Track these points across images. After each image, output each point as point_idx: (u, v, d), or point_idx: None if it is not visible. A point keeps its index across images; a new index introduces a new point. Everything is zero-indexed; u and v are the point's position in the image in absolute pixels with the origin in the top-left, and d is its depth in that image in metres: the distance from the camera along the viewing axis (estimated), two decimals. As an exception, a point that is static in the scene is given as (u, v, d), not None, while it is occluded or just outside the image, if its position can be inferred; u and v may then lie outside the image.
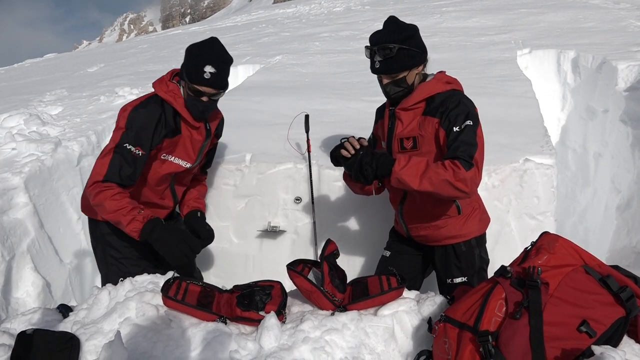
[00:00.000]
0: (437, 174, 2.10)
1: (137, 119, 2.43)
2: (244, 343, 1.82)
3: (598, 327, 1.54)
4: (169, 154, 2.59)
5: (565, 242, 1.76)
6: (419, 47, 2.33)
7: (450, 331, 1.68)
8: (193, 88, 2.44)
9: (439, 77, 2.41)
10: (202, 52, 2.43)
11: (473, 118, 2.24)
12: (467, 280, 2.49)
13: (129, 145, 2.36)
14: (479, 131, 2.24)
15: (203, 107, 2.50)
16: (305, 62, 7.33)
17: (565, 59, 6.06)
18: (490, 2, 12.18)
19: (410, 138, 2.39)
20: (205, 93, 2.46)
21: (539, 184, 3.05)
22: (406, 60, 2.29)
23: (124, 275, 2.69)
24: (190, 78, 2.43)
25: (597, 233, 4.55)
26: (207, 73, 2.38)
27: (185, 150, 2.63)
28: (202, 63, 2.39)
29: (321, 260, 2.10)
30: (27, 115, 5.05)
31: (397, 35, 2.27)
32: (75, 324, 2.02)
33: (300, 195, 3.35)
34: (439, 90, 2.35)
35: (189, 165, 2.67)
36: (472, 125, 2.20)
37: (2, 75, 12.78)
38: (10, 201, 3.61)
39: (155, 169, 2.61)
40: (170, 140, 2.56)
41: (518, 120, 3.83)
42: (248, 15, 22.85)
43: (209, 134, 2.69)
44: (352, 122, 3.97)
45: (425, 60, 2.39)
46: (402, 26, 2.34)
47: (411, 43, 2.28)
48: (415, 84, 2.38)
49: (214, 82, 2.43)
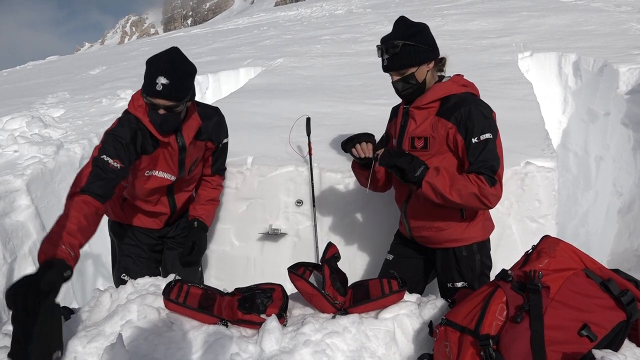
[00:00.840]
0: (465, 187, 2.18)
1: (114, 134, 2.38)
2: (245, 346, 1.82)
3: (599, 331, 1.54)
4: (152, 170, 2.56)
5: (566, 245, 1.76)
6: (427, 43, 2.33)
7: (451, 335, 1.68)
8: (148, 101, 2.37)
9: (455, 79, 2.42)
10: (156, 63, 2.34)
11: (491, 129, 2.25)
12: (468, 285, 2.49)
13: (106, 157, 2.28)
14: (498, 142, 2.26)
15: (161, 120, 2.40)
16: (306, 65, 7.34)
17: (566, 62, 6.07)
18: (492, 5, 12.19)
19: (422, 138, 2.40)
20: (159, 105, 2.36)
21: (540, 187, 3.05)
22: (412, 56, 2.30)
23: (126, 272, 2.79)
24: (145, 90, 2.36)
25: (599, 236, 4.54)
26: (159, 85, 2.29)
27: (166, 163, 2.58)
28: (154, 74, 2.30)
29: (322, 263, 2.10)
30: (30, 117, 5.06)
31: (402, 32, 2.31)
32: (77, 326, 2.02)
33: (302, 198, 3.35)
34: (454, 91, 2.36)
35: (173, 178, 2.64)
36: (492, 138, 2.23)
37: (5, 78, 12.82)
38: (12, 203, 3.62)
39: (141, 185, 2.61)
40: (150, 156, 2.52)
41: (519, 123, 3.83)
42: (250, 17, 22.89)
43: (183, 147, 2.59)
44: (353, 125, 3.97)
45: (435, 57, 2.38)
46: (408, 24, 2.37)
47: (417, 39, 2.30)
48: (427, 82, 2.38)
49: (167, 93, 2.31)
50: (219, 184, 3.05)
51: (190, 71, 2.42)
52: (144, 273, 2.73)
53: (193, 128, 2.61)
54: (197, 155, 2.75)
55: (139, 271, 2.80)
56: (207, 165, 2.93)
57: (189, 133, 2.58)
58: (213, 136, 2.79)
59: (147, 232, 2.90)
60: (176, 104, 2.37)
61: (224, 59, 9.19)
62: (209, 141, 2.79)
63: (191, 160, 2.69)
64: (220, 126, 2.85)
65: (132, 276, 2.76)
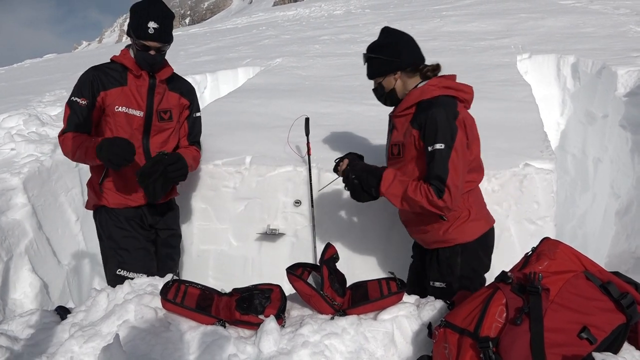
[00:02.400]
0: (413, 199, 2.28)
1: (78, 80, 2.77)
2: (243, 347, 1.81)
3: (599, 334, 1.54)
4: (120, 106, 2.77)
5: (566, 248, 1.76)
6: (393, 55, 2.42)
7: (450, 336, 1.68)
8: (140, 43, 2.67)
9: (434, 82, 2.40)
10: (145, 10, 2.65)
11: (445, 138, 2.23)
12: (446, 286, 2.48)
13: (74, 97, 2.71)
14: (455, 151, 2.23)
15: (152, 60, 2.74)
16: (305, 65, 7.33)
17: (565, 64, 6.07)
18: (490, 6, 12.20)
19: (397, 145, 2.48)
20: (151, 47, 2.69)
21: (538, 188, 3.05)
22: (375, 67, 2.50)
23: (121, 265, 2.78)
24: (137, 34, 2.66)
25: (596, 238, 4.55)
26: (150, 29, 2.62)
27: (134, 98, 2.80)
28: (145, 20, 2.62)
29: (321, 264, 2.09)
30: (27, 115, 5.04)
31: (372, 45, 2.51)
32: (73, 326, 2.01)
33: (300, 198, 3.34)
34: (428, 96, 2.36)
35: (141, 114, 2.82)
36: (443, 149, 2.22)
37: (2, 76, 12.77)
38: (9, 202, 3.61)
39: (114, 124, 2.79)
40: (120, 91, 2.77)
41: (518, 125, 3.83)
42: (248, 17, 22.88)
43: (153, 82, 2.84)
44: (352, 126, 3.96)
45: (402, 67, 2.43)
46: (381, 36, 2.50)
47: (381, 52, 2.45)
48: (398, 90, 2.48)
49: (158, 36, 2.66)
50: (197, 154, 3.16)
51: (172, 15, 2.78)
52: (139, 265, 2.83)
53: (166, 73, 2.91)
54: (170, 107, 2.92)
55: (134, 264, 2.83)
56: (184, 135, 3.08)
57: (161, 75, 2.87)
58: (185, 91, 3.01)
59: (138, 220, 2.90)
60: (165, 44, 2.74)
61: (223, 59, 9.17)
62: (182, 97, 2.98)
63: (159, 99, 2.86)
64: (191, 88, 3.10)
65: (128, 269, 2.82)
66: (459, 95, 2.40)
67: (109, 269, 2.92)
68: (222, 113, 4.68)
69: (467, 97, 2.44)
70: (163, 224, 3.06)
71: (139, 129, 2.83)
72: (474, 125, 2.41)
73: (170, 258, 3.13)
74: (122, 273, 2.83)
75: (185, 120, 3.06)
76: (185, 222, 3.47)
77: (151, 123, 2.85)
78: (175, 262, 3.19)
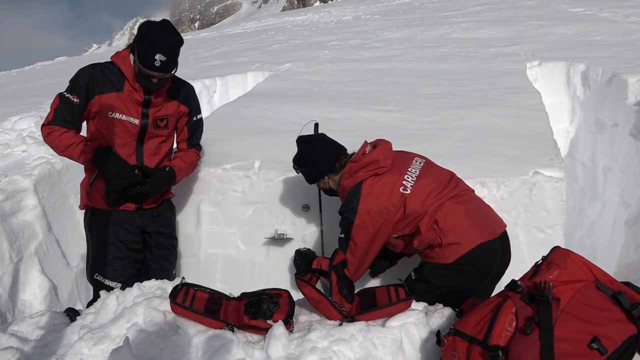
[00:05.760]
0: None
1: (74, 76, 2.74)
2: (251, 351, 1.81)
3: (609, 344, 1.53)
4: (115, 112, 2.74)
5: (576, 257, 1.75)
6: (313, 166, 2.68)
7: (459, 345, 1.67)
8: (144, 71, 2.61)
9: (346, 170, 2.58)
10: (155, 38, 2.55)
11: (348, 228, 2.48)
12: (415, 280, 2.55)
13: (67, 94, 2.67)
14: (354, 230, 2.44)
15: (153, 87, 2.70)
16: (314, 70, 7.34)
17: (575, 72, 6.04)
18: (500, 13, 12.18)
19: None
20: (155, 77, 2.64)
21: (548, 197, 3.04)
22: (307, 177, 2.77)
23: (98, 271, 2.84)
24: (142, 62, 2.58)
25: (605, 247, 4.51)
26: (157, 61, 2.54)
27: (130, 106, 2.76)
28: (153, 50, 2.53)
29: (329, 270, 2.10)
30: (38, 117, 5.09)
31: (294, 158, 2.75)
32: (83, 328, 2.02)
33: (309, 203, 3.34)
34: (348, 188, 2.57)
35: (136, 122, 2.78)
36: (344, 238, 2.53)
37: (14, 78, 12.91)
38: (20, 203, 3.64)
39: (107, 129, 2.78)
40: (112, 95, 2.72)
41: (527, 133, 3.82)
42: (257, 22, 22.97)
43: (148, 100, 2.78)
44: (361, 131, 3.96)
45: (325, 172, 2.67)
46: (298, 147, 2.73)
47: (302, 165, 2.72)
48: (333, 187, 2.74)
49: (164, 68, 2.59)
50: (196, 156, 3.16)
51: (181, 44, 2.67)
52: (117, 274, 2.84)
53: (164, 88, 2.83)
54: (167, 114, 2.89)
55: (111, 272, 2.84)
56: (184, 139, 3.07)
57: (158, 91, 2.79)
58: (183, 97, 2.96)
59: (125, 225, 2.88)
60: (169, 74, 2.69)
61: (232, 63, 9.21)
62: (180, 104, 2.94)
63: (156, 109, 2.83)
64: (189, 91, 3.03)
65: (105, 276, 2.83)
66: (371, 171, 2.50)
67: (88, 271, 2.96)
68: (231, 117, 4.70)
69: (382, 164, 2.51)
70: (154, 226, 3.01)
71: (134, 136, 2.82)
72: (395, 188, 2.45)
73: (165, 260, 3.11)
74: (98, 278, 2.85)
75: (185, 125, 3.03)
76: (194, 225, 3.49)
77: (147, 130, 2.83)
78: (172, 264, 3.17)
